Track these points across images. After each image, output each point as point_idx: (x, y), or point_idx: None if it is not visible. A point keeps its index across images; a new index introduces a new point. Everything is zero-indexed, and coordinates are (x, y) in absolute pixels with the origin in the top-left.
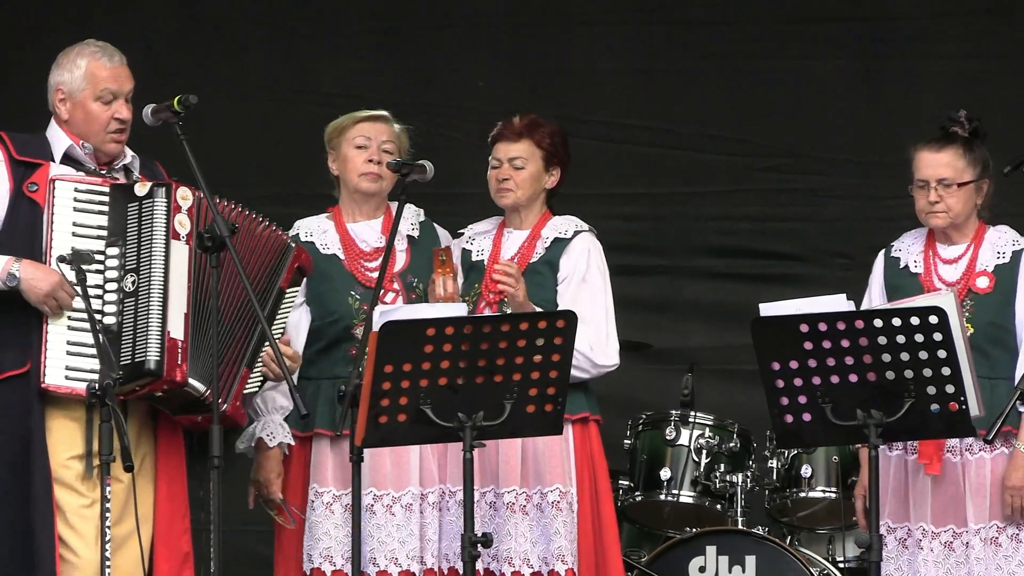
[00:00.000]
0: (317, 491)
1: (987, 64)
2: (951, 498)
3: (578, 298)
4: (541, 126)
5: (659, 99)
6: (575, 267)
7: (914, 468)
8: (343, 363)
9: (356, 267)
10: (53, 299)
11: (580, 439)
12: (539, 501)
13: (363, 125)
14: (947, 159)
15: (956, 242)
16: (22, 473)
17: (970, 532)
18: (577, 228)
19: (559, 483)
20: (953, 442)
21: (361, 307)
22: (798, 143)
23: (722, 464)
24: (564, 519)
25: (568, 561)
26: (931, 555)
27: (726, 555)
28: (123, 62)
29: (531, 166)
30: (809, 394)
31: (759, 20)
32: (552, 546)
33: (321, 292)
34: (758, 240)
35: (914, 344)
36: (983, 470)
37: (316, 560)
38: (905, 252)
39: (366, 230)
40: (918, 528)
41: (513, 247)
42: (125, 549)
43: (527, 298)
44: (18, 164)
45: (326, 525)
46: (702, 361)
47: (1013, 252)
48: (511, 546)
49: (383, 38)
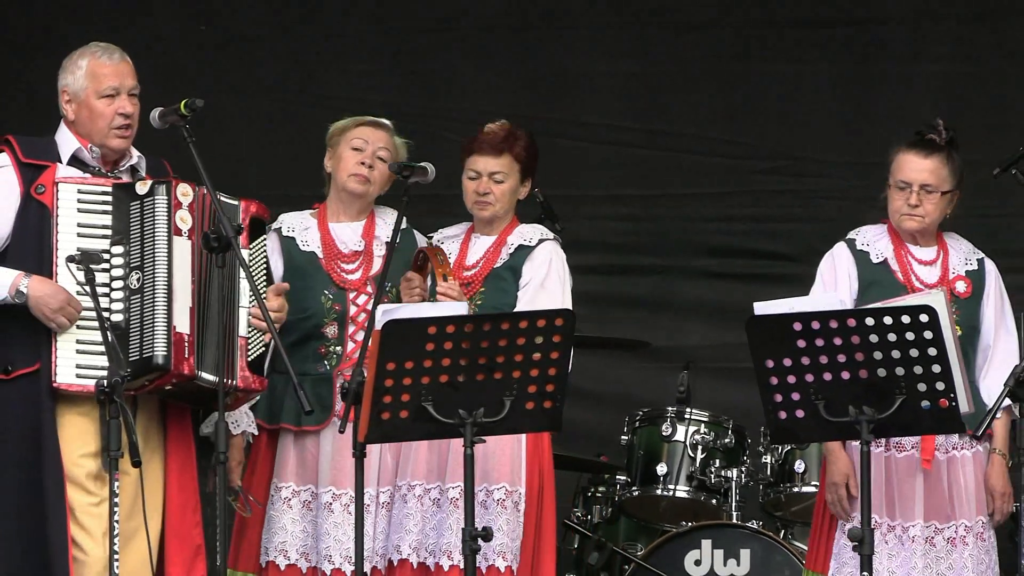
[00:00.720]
0: (277, 486)
1: (975, 68)
2: (936, 495)
3: (535, 303)
4: (518, 139)
5: (656, 102)
6: (536, 273)
7: (899, 464)
8: (312, 359)
9: (332, 267)
10: (61, 315)
11: (533, 444)
12: (484, 498)
13: (363, 129)
14: (933, 166)
15: (923, 244)
16: (34, 472)
17: (954, 527)
18: (542, 236)
19: (506, 482)
20: (939, 439)
21: (333, 307)
22: (792, 146)
23: (717, 459)
24: (508, 517)
25: (508, 558)
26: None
27: (721, 548)
28: (124, 59)
29: (510, 180)
30: (802, 391)
31: (754, 25)
32: (494, 542)
33: (296, 288)
34: (753, 240)
35: (905, 342)
36: (965, 468)
37: (271, 554)
38: (872, 248)
39: (347, 231)
40: (899, 523)
41: (479, 252)
42: (134, 543)
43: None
44: (26, 167)
45: (283, 520)
46: (698, 359)
47: (978, 259)
48: (451, 540)
49: (385, 42)
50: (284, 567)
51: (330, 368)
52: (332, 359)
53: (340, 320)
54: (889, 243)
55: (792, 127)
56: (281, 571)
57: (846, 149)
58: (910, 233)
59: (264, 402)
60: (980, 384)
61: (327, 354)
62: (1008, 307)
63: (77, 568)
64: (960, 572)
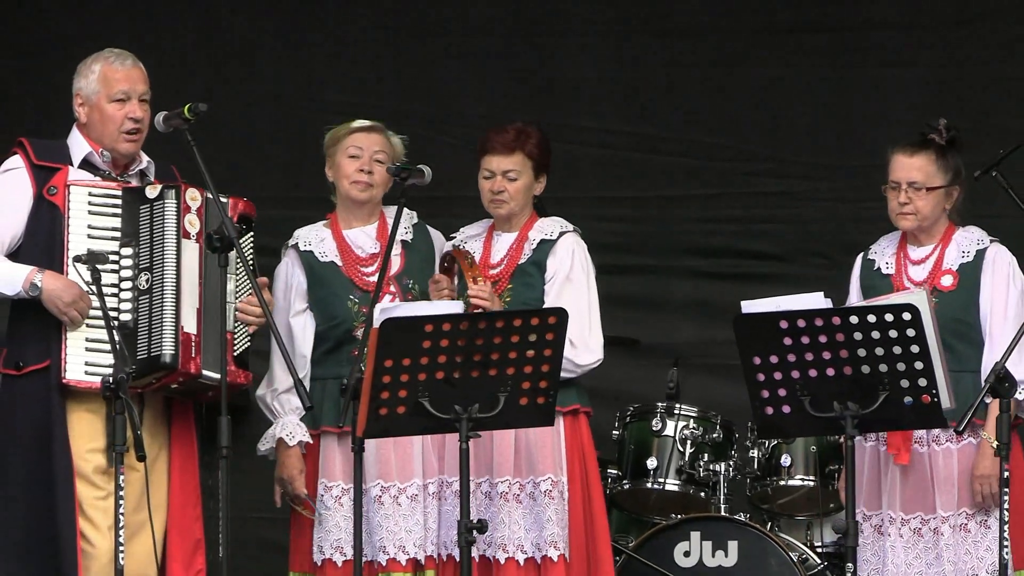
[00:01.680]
0: (326, 485)
1: (956, 72)
2: (920, 487)
3: (562, 296)
4: (530, 136)
5: (646, 106)
6: (560, 266)
7: (885, 458)
8: (347, 363)
9: (354, 272)
10: (73, 310)
11: (571, 430)
12: (532, 490)
13: (357, 135)
14: (919, 163)
15: (924, 243)
16: (44, 465)
17: (938, 519)
18: (563, 229)
19: (551, 472)
20: (920, 433)
21: (360, 310)
22: (778, 149)
23: (706, 454)
24: (556, 507)
25: (560, 547)
26: (900, 541)
27: (709, 540)
28: (136, 65)
29: (524, 177)
30: (788, 387)
31: (740, 31)
32: (544, 533)
33: (322, 297)
34: (740, 241)
35: (888, 340)
36: (950, 460)
37: (327, 551)
38: (880, 255)
39: (361, 236)
40: (887, 515)
41: (502, 250)
42: (140, 536)
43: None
44: (39, 169)
45: (336, 518)
46: (687, 356)
47: (977, 251)
48: (505, 533)
49: (384, 48)
50: (341, 563)
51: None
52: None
53: (368, 322)
54: (895, 247)
55: (778, 131)
56: (338, 568)
57: (830, 152)
58: (911, 232)
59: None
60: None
61: (361, 356)
62: (1014, 295)
63: (84, 560)
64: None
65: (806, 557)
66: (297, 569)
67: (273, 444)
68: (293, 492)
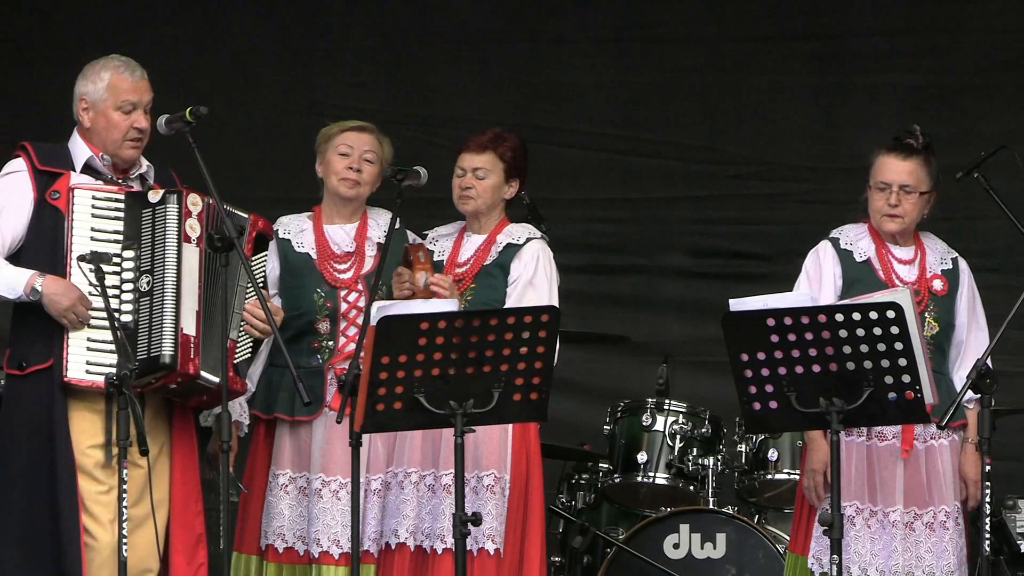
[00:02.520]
0: (274, 473)
1: (936, 79)
2: (915, 482)
3: (524, 299)
4: (504, 140)
5: (638, 112)
6: (524, 270)
7: (879, 453)
8: (306, 353)
9: (325, 267)
10: (72, 313)
11: (519, 432)
12: (475, 484)
13: (348, 134)
14: (912, 167)
15: (902, 244)
16: (47, 461)
17: (930, 513)
18: (529, 235)
19: (495, 468)
20: (918, 430)
21: (325, 304)
22: (765, 153)
23: (695, 448)
24: (496, 502)
25: (496, 541)
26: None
27: (698, 532)
28: (144, 76)
29: (493, 177)
30: (775, 383)
31: (730, 39)
32: (484, 526)
33: (291, 287)
34: (729, 241)
35: (873, 337)
36: (941, 456)
37: (270, 537)
38: (855, 247)
39: (340, 233)
40: (880, 509)
41: (470, 250)
42: (142, 530)
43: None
44: (41, 174)
45: (280, 505)
46: (676, 353)
47: (952, 259)
48: (445, 524)
49: (381, 53)
50: (282, 550)
51: (322, 361)
52: (324, 353)
53: (332, 316)
54: (871, 243)
55: (766, 135)
56: (279, 554)
57: (816, 156)
58: (890, 233)
59: (261, 394)
60: (954, 376)
61: (320, 348)
62: (979, 304)
63: (88, 554)
64: (939, 555)
65: None
66: (243, 551)
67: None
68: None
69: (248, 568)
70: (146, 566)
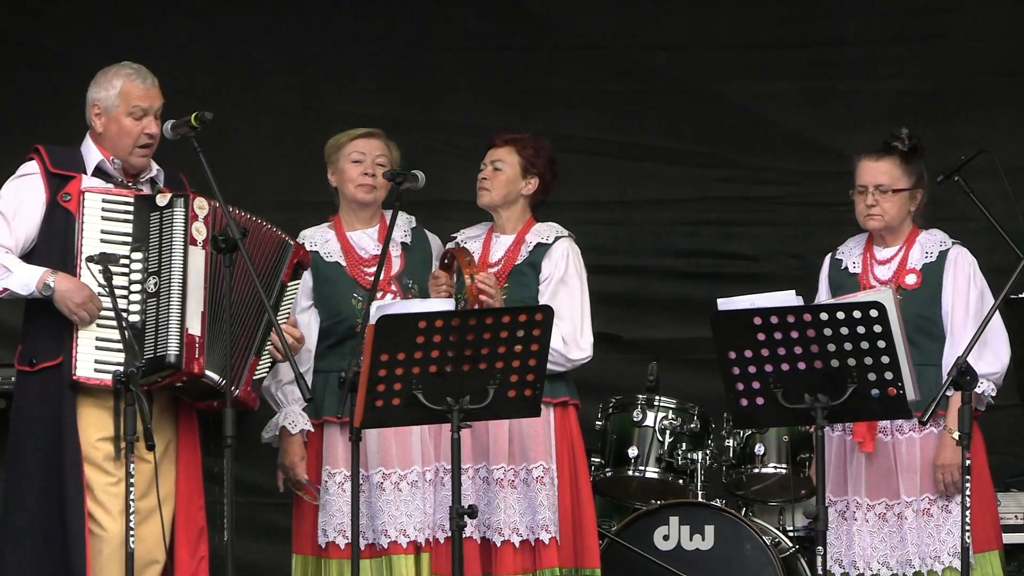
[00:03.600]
0: (330, 472)
1: (921, 84)
2: (884, 474)
3: (557, 297)
4: (526, 139)
5: (632, 117)
6: (555, 269)
7: (852, 447)
8: (349, 357)
9: (357, 272)
10: (83, 310)
11: (560, 421)
12: (525, 476)
13: (358, 142)
14: (885, 167)
15: (890, 244)
16: (55, 454)
17: (902, 504)
18: (558, 234)
19: (542, 460)
20: (885, 423)
21: (363, 307)
22: (754, 156)
23: (684, 443)
24: (547, 492)
25: (551, 530)
26: (866, 525)
27: (687, 525)
28: (155, 83)
29: (508, 170)
30: (762, 380)
31: (720, 46)
32: (537, 517)
33: (327, 295)
34: (718, 243)
35: (856, 335)
36: (913, 448)
37: (331, 535)
38: (847, 255)
39: (364, 238)
40: (853, 501)
41: (500, 250)
42: (149, 522)
43: (509, 300)
44: (53, 176)
45: (339, 503)
46: (667, 351)
47: (940, 252)
48: (501, 517)
49: (384, 61)
50: (344, 546)
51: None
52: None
53: (365, 319)
54: (862, 248)
55: (754, 140)
56: (341, 550)
57: (803, 159)
58: (878, 233)
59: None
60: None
61: (358, 351)
62: (974, 292)
63: (96, 543)
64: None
65: (779, 540)
66: (300, 552)
67: (276, 432)
68: (295, 478)
69: (306, 568)
70: (153, 557)
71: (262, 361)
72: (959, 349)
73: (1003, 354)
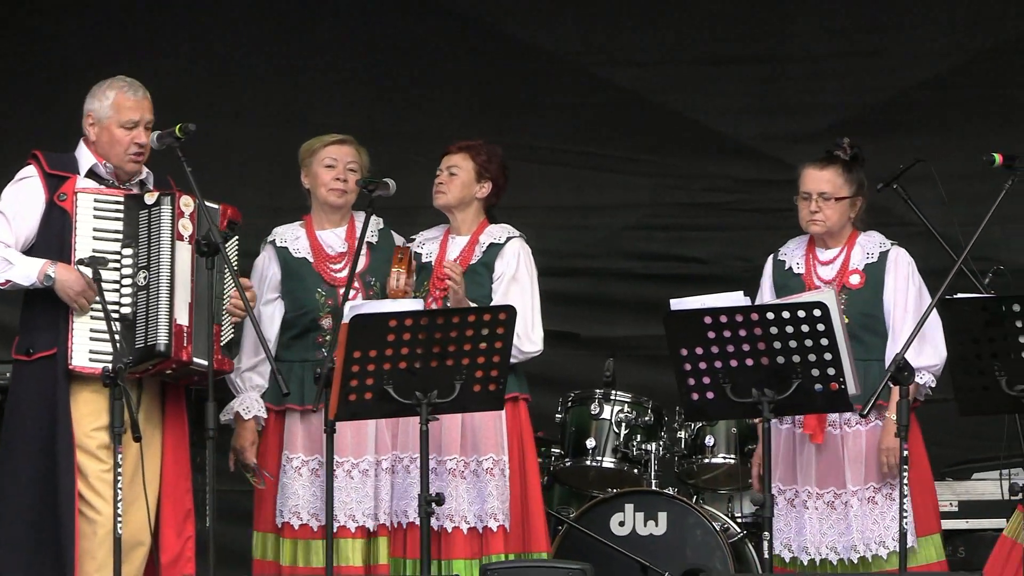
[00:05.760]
0: (288, 457)
1: (862, 98)
2: (832, 464)
3: (509, 294)
4: (480, 146)
5: (591, 128)
6: (507, 267)
7: (801, 439)
8: (312, 348)
9: (323, 268)
10: (83, 298)
11: (511, 415)
12: (475, 467)
13: (331, 148)
14: (829, 176)
15: (831, 246)
16: (48, 440)
17: (848, 493)
18: (510, 234)
19: (493, 452)
20: (833, 417)
21: (326, 302)
22: (704, 165)
23: (639, 435)
24: (497, 483)
25: (500, 518)
26: (816, 512)
27: (642, 512)
28: (146, 96)
29: (463, 174)
30: (712, 376)
31: (674, 62)
32: (486, 506)
33: (293, 289)
34: (671, 246)
35: (801, 333)
36: (859, 441)
37: (286, 515)
38: (790, 256)
39: (332, 237)
40: (804, 490)
41: (456, 250)
42: (136, 506)
43: (466, 295)
44: (51, 177)
45: (294, 486)
46: (623, 348)
47: (880, 252)
48: (452, 505)
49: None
50: (297, 527)
51: (328, 354)
52: (329, 347)
53: (334, 313)
54: (804, 249)
55: (704, 150)
56: (295, 530)
57: (750, 168)
58: (819, 236)
59: (272, 388)
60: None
61: (324, 342)
62: (912, 291)
63: (90, 526)
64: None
65: (727, 526)
66: (260, 529)
67: (231, 415)
68: (244, 461)
69: (265, 545)
70: (139, 540)
71: (223, 326)
72: (899, 345)
73: (941, 348)
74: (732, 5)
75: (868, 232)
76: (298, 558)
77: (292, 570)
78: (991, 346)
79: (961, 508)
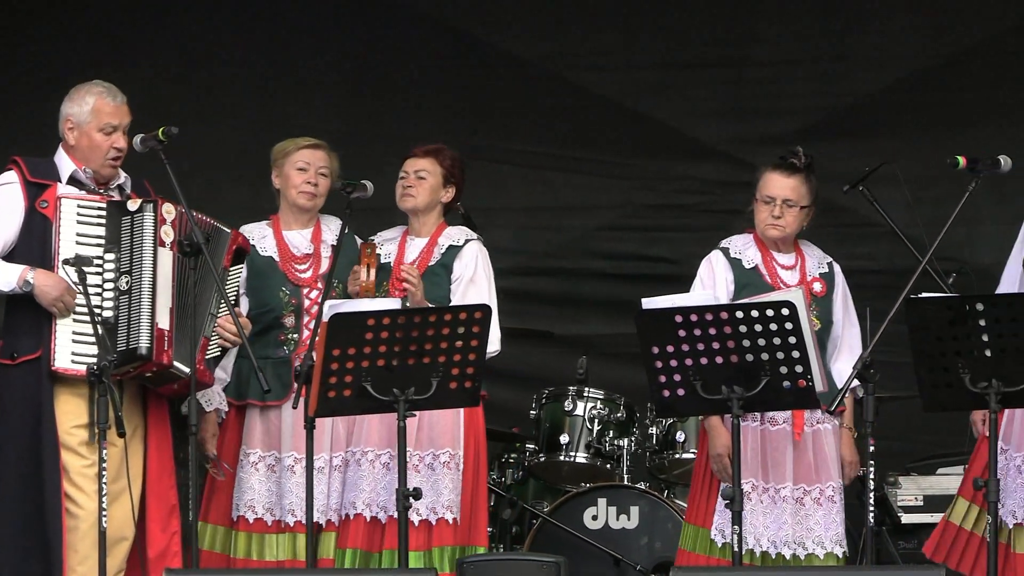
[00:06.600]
0: (245, 452)
1: (828, 102)
2: (802, 462)
3: (467, 296)
4: (444, 151)
5: (564, 131)
6: (465, 270)
7: (772, 437)
8: (274, 345)
9: (288, 268)
10: (61, 302)
11: (469, 412)
12: (431, 461)
13: (304, 151)
14: (794, 184)
15: (783, 251)
16: (34, 440)
17: (817, 491)
18: (468, 237)
19: (449, 447)
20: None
21: (290, 301)
22: (674, 168)
23: (611, 431)
24: (452, 476)
25: (454, 511)
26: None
27: (614, 506)
28: (124, 101)
29: (431, 179)
30: (683, 373)
31: (645, 67)
32: (441, 498)
33: (257, 287)
34: (642, 247)
35: (769, 332)
36: (826, 440)
37: (241, 509)
38: (743, 255)
39: (298, 237)
40: (772, 487)
41: (414, 252)
42: (120, 502)
43: (424, 296)
44: (31, 184)
45: (251, 480)
46: (595, 346)
47: (828, 263)
48: None
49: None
50: (252, 520)
51: (289, 352)
52: (290, 344)
53: (296, 312)
54: (757, 251)
55: (674, 152)
56: (250, 524)
57: (719, 171)
58: (773, 241)
59: (233, 382)
60: (832, 368)
61: (286, 340)
62: (851, 303)
63: (73, 521)
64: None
65: None
66: (211, 521)
67: None
68: (203, 452)
69: (215, 537)
70: (122, 534)
71: (212, 341)
72: (843, 353)
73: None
74: (701, 10)
75: (803, 241)
76: (252, 551)
77: (246, 563)
78: (955, 344)
79: (926, 502)
